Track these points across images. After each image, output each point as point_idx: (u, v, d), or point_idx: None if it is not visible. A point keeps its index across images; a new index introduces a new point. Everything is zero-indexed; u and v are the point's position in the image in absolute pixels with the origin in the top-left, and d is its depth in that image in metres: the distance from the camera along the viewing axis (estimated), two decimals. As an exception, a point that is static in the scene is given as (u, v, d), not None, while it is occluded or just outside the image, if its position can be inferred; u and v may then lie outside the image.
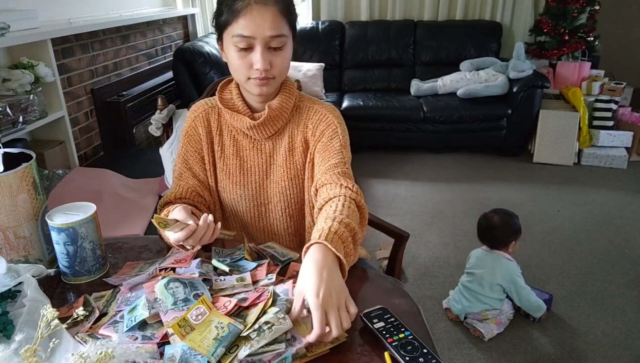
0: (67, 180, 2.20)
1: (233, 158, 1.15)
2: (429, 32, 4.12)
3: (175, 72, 3.34)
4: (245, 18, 0.97)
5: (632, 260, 2.46)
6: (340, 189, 1.00)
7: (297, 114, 1.14)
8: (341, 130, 1.12)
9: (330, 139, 1.10)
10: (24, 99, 2.07)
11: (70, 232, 0.90)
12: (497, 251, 2.00)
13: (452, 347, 1.93)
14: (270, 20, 0.97)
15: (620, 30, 5.22)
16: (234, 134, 1.15)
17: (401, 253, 1.39)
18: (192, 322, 0.74)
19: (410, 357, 0.72)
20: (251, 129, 1.11)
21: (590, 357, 1.85)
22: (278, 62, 1.02)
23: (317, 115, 1.12)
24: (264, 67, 1.00)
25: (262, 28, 0.97)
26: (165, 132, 2.03)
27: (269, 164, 1.15)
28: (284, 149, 1.13)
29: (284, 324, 0.74)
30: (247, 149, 1.15)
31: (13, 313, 0.79)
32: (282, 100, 1.10)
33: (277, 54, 1.02)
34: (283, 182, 1.14)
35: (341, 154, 1.08)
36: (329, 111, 1.13)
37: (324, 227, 0.86)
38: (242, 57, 1.01)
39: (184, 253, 0.99)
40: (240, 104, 1.11)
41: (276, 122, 1.11)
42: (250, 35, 0.98)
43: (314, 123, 1.12)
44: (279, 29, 0.99)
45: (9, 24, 2.02)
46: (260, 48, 0.99)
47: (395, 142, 3.83)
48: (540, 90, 3.56)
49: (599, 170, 3.56)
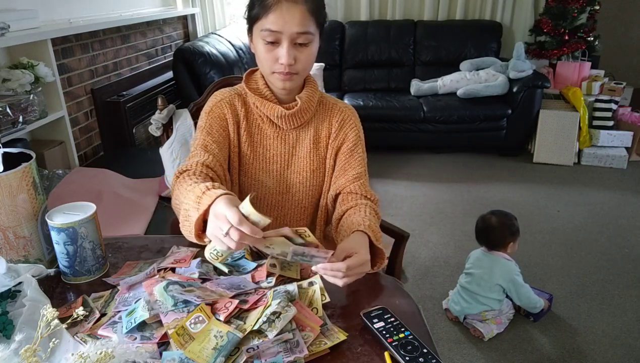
0: (67, 180, 2.20)
1: (257, 145, 1.16)
2: (429, 32, 4.12)
3: (175, 72, 3.34)
4: (274, 13, 1.01)
5: (632, 260, 2.46)
6: (364, 200, 1.10)
7: (322, 108, 1.19)
8: (361, 133, 1.20)
9: (354, 144, 1.17)
10: (24, 99, 2.07)
11: (70, 232, 0.90)
12: (495, 252, 2.00)
13: (452, 347, 1.93)
14: (298, 18, 1.01)
15: (620, 30, 5.22)
16: (258, 122, 1.16)
17: (401, 253, 1.38)
18: (191, 330, 0.74)
19: (410, 357, 0.72)
20: (281, 118, 1.13)
21: (591, 357, 1.85)
22: (303, 58, 1.06)
23: (341, 114, 1.19)
24: (288, 62, 1.03)
25: (290, 24, 1.01)
26: (165, 132, 2.02)
27: (290, 154, 1.18)
28: (308, 141, 1.17)
29: (290, 311, 0.76)
30: (271, 138, 1.17)
31: (13, 313, 0.79)
32: (309, 93, 1.14)
33: (302, 50, 1.05)
34: (305, 173, 1.18)
35: (363, 161, 1.17)
36: (351, 113, 1.20)
37: (364, 220, 0.99)
38: (269, 51, 1.04)
39: (183, 253, 0.99)
40: (268, 93, 1.13)
41: (305, 114, 1.15)
42: (277, 30, 1.01)
43: (338, 121, 1.18)
44: (306, 26, 1.02)
45: (9, 23, 2.02)
46: (287, 43, 1.03)
47: (395, 142, 3.83)
48: (540, 90, 3.56)
49: (599, 170, 3.56)
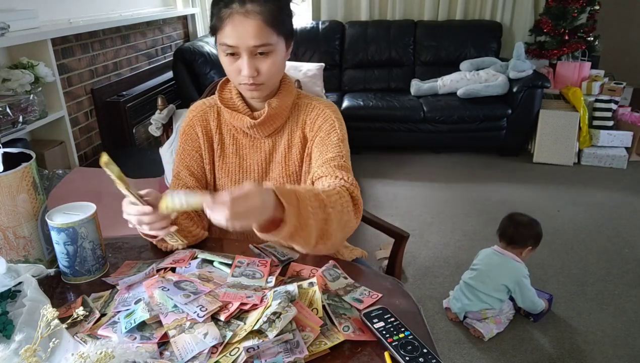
0: (67, 180, 2.20)
1: (232, 156, 1.15)
2: (429, 32, 4.12)
3: (175, 72, 3.34)
4: (229, 27, 0.98)
5: (632, 260, 2.46)
6: (336, 180, 1.00)
7: (296, 111, 1.15)
8: (339, 124, 1.12)
9: (328, 133, 1.10)
10: (24, 99, 2.06)
11: (70, 232, 0.90)
12: (508, 252, 2.00)
13: (452, 347, 1.93)
14: (252, 31, 0.96)
15: (620, 30, 5.22)
16: (233, 132, 1.15)
17: (401, 253, 1.39)
18: None
19: (410, 357, 0.72)
20: (251, 128, 1.11)
21: (590, 357, 1.85)
22: (265, 68, 1.01)
23: (315, 110, 1.13)
24: (250, 74, 1.00)
25: (245, 38, 0.97)
26: (165, 132, 2.02)
27: (267, 162, 1.15)
28: (282, 147, 1.14)
29: (290, 311, 0.75)
30: (247, 148, 1.15)
31: (13, 313, 0.79)
32: (281, 98, 1.10)
33: (264, 60, 1.01)
34: (281, 179, 1.14)
35: (339, 147, 1.08)
36: (326, 106, 1.14)
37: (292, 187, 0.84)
38: (231, 63, 1.02)
39: (182, 253, 0.99)
40: (239, 103, 1.11)
41: (276, 121, 1.11)
42: (233, 45, 0.98)
43: (312, 118, 1.13)
44: (263, 38, 0.98)
45: (9, 23, 2.02)
46: (246, 56, 0.99)
47: (395, 142, 3.82)
48: (540, 90, 3.56)
49: (599, 170, 3.56)
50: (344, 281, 0.92)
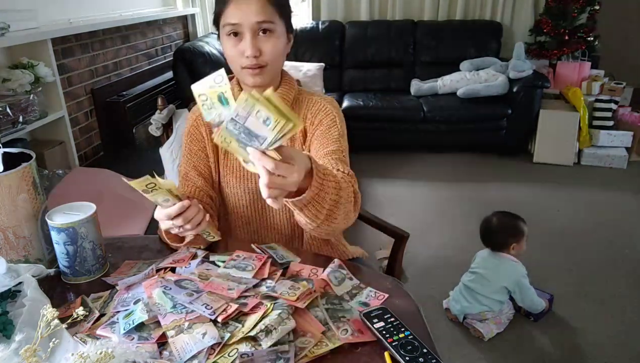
0: (67, 180, 2.20)
1: (233, 156, 1.15)
2: (429, 32, 4.12)
3: (175, 72, 3.34)
4: (232, 6, 1.01)
5: (632, 260, 2.46)
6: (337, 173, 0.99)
7: (297, 106, 1.16)
8: (339, 120, 1.13)
9: (328, 127, 1.12)
10: (24, 99, 2.06)
11: (70, 232, 0.90)
12: (500, 253, 2.00)
13: (452, 347, 1.93)
14: (255, 7, 1.00)
15: (620, 30, 5.21)
16: None
17: (401, 253, 1.38)
18: None
19: (410, 357, 0.72)
20: None
21: (591, 357, 1.85)
22: (268, 48, 1.03)
23: (316, 105, 1.14)
24: (252, 53, 1.02)
25: (248, 14, 1.00)
26: (165, 132, 2.02)
27: None
28: None
29: (288, 324, 0.75)
30: None
31: (13, 313, 0.79)
32: (282, 93, 1.12)
33: (266, 40, 1.03)
34: None
35: (339, 142, 1.09)
36: (327, 102, 1.15)
37: None
38: (234, 46, 1.04)
39: (182, 253, 0.99)
40: None
41: None
42: (237, 22, 1.01)
43: (312, 113, 1.14)
44: (266, 15, 1.01)
45: (9, 24, 2.02)
46: (249, 35, 1.01)
47: (395, 142, 3.82)
48: (540, 90, 3.56)
49: (599, 170, 3.56)
50: (349, 282, 0.92)
